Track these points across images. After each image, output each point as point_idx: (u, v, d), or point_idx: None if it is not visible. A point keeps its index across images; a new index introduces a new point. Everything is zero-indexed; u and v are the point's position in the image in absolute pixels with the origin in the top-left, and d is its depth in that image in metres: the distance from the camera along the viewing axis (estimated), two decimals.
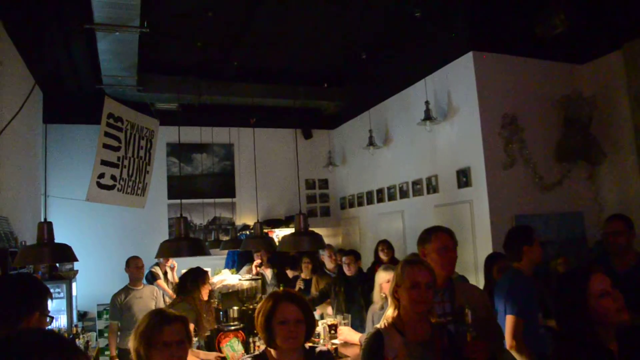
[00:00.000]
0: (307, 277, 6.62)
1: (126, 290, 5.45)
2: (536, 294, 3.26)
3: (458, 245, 2.93)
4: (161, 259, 7.60)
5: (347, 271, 5.64)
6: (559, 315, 2.15)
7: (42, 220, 3.22)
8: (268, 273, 7.42)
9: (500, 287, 3.33)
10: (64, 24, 5.59)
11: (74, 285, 7.27)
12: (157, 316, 2.37)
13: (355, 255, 5.92)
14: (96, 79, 7.26)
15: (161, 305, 5.38)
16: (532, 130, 6.56)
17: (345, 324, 4.62)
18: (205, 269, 7.75)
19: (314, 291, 6.18)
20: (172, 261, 7.86)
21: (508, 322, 3.08)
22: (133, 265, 5.49)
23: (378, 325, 2.45)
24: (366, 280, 5.29)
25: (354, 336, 4.09)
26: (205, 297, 4.45)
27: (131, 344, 2.32)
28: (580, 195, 6.80)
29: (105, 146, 7.03)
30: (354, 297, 5.28)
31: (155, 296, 5.58)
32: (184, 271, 7.86)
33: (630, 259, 3.57)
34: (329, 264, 6.60)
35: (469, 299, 2.68)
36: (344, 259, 5.93)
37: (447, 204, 6.97)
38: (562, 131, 6.75)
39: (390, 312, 2.45)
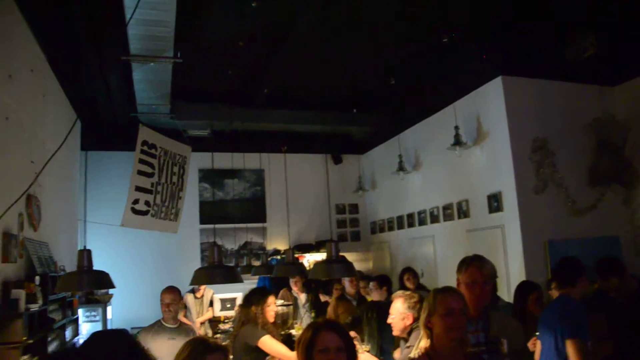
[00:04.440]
0: None
1: (158, 326, 4.42)
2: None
3: None
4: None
5: (376, 296, 5.67)
6: None
7: (82, 246, 3.33)
8: (302, 297, 7.44)
9: (553, 313, 3.26)
10: (102, 57, 5.79)
11: (109, 308, 7.41)
12: (200, 345, 2.38)
13: (380, 280, 5.95)
14: (131, 108, 7.47)
15: None
16: (564, 154, 6.50)
17: (365, 351, 4.58)
18: (237, 294, 7.87)
19: (332, 315, 6.17)
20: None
21: (571, 347, 3.00)
22: (162, 301, 4.48)
23: (411, 355, 2.45)
24: None
25: None
26: (272, 319, 4.41)
27: None
28: (615, 219, 6.67)
29: (140, 172, 7.19)
30: (386, 321, 5.28)
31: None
32: (216, 295, 7.96)
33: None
34: (350, 289, 6.61)
35: (504, 329, 2.67)
36: (371, 284, 5.95)
37: (478, 229, 6.92)
38: (595, 154, 6.68)
39: (422, 343, 2.44)
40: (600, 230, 6.48)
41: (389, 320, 3.78)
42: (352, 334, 5.14)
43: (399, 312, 3.71)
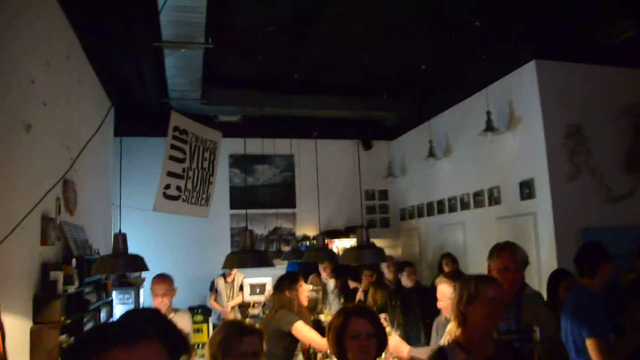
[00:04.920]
0: (367, 289, 6.65)
1: None
2: (606, 311, 3.15)
3: None
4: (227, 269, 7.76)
5: (407, 282, 5.65)
6: None
7: (117, 230, 3.40)
8: (331, 283, 7.49)
9: (568, 307, 3.21)
10: (134, 43, 5.87)
11: (141, 292, 7.57)
12: (237, 327, 2.43)
13: (413, 266, 5.97)
14: (163, 94, 7.56)
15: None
16: (599, 140, 6.34)
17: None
18: (267, 279, 7.96)
19: (370, 301, 6.19)
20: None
21: (590, 346, 2.95)
22: (154, 292, 4.22)
23: (441, 342, 2.44)
24: (425, 292, 5.28)
25: (403, 348, 4.06)
26: (305, 302, 4.45)
27: (207, 351, 2.41)
28: None
29: (171, 158, 7.25)
30: (410, 308, 5.27)
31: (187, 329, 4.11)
32: (246, 280, 8.07)
33: None
34: (388, 275, 6.60)
35: (536, 317, 2.64)
36: (406, 269, 5.95)
37: (509, 216, 6.83)
38: (632, 140, 6.50)
39: (454, 329, 2.42)
40: (637, 218, 6.32)
41: (439, 305, 3.72)
42: (383, 316, 5.17)
43: (447, 297, 3.65)
